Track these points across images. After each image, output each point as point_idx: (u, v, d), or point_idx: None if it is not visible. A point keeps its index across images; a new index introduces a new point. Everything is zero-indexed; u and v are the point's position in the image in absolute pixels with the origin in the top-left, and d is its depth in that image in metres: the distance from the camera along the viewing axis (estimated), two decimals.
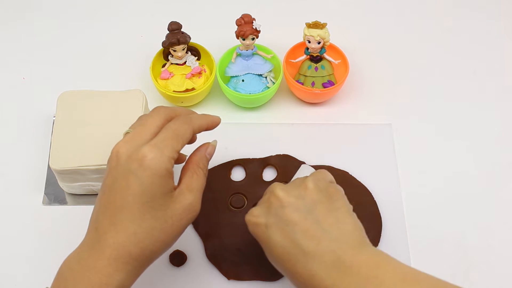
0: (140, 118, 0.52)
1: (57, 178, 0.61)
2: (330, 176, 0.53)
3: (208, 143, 0.54)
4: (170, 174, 0.48)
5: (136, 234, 0.46)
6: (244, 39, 0.67)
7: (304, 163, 0.66)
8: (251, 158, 0.66)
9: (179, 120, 0.50)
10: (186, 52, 0.69)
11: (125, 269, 0.46)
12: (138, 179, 0.46)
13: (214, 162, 0.66)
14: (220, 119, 0.55)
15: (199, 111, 0.70)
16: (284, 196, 0.50)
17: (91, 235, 0.48)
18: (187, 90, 0.68)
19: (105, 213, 0.47)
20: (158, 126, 0.49)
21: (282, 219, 0.48)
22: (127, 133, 0.50)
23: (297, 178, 0.53)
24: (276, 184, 0.52)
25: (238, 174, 0.65)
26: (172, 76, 0.69)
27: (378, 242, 0.61)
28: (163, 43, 0.67)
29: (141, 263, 0.47)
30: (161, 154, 0.46)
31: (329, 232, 0.47)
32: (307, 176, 0.52)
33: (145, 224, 0.46)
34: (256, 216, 0.51)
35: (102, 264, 0.46)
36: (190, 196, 0.49)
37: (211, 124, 0.54)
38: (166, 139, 0.48)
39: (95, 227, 0.48)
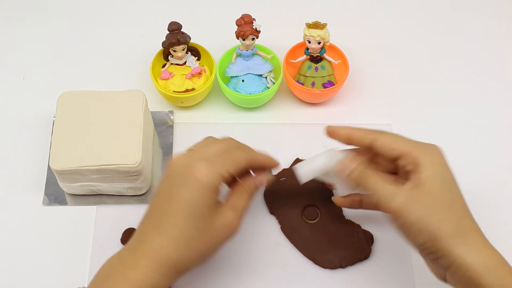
0: (207, 138, 0.55)
1: (57, 178, 0.61)
2: None
3: (265, 173, 0.57)
4: (217, 189, 0.50)
5: (176, 240, 0.48)
6: (244, 39, 0.67)
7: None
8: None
9: (239, 149, 0.54)
10: (186, 53, 0.69)
11: (162, 271, 0.48)
12: (187, 189, 0.49)
13: None
14: (277, 163, 0.58)
15: (199, 111, 0.71)
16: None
17: (135, 237, 0.50)
18: (187, 90, 0.68)
19: (152, 216, 0.50)
20: (219, 151, 0.52)
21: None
22: (190, 149, 0.53)
23: None
24: None
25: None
26: (172, 76, 0.69)
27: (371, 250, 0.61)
28: (163, 43, 0.67)
29: (177, 269, 0.49)
30: (212, 170, 0.49)
31: None
32: None
33: (185, 232, 0.48)
34: None
35: (141, 263, 0.48)
36: (232, 214, 0.51)
37: (269, 163, 0.57)
38: (220, 158, 0.51)
39: (141, 229, 0.51)
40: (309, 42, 0.67)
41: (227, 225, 0.51)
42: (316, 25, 0.66)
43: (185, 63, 0.69)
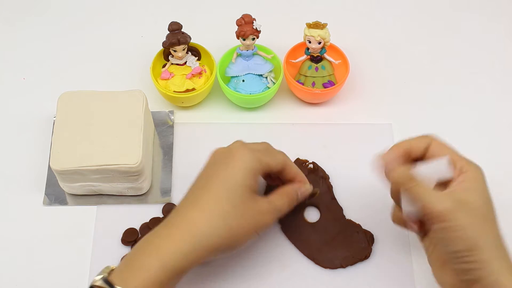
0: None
1: (57, 178, 0.61)
2: None
3: (307, 183, 0.58)
4: (255, 175, 0.52)
5: (211, 213, 0.50)
6: (244, 39, 0.67)
7: (311, 163, 0.66)
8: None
9: (278, 150, 0.57)
10: (187, 53, 0.69)
11: (194, 243, 0.49)
12: (226, 167, 0.52)
13: None
14: (309, 185, 0.59)
15: (200, 111, 0.71)
16: None
17: (172, 213, 0.52)
18: (187, 90, 0.68)
19: (189, 195, 0.53)
20: (262, 153, 0.55)
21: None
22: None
23: None
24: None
25: None
26: (172, 76, 0.69)
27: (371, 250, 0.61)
28: (164, 43, 0.67)
29: (209, 243, 0.50)
30: (251, 154, 0.52)
31: None
32: None
33: (221, 206, 0.50)
34: None
35: (174, 233, 0.49)
36: (267, 205, 0.53)
37: (301, 177, 0.58)
38: (261, 149, 0.54)
39: (178, 207, 0.52)
40: (310, 42, 0.67)
41: (262, 213, 0.52)
42: (316, 25, 0.66)
43: (185, 63, 0.69)
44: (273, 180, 0.59)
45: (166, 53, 0.70)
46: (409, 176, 0.51)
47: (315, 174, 0.65)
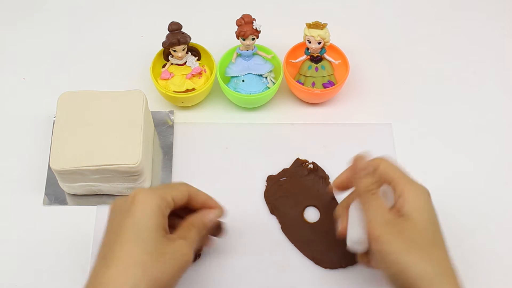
0: None
1: (57, 178, 0.61)
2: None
3: (213, 210, 0.55)
4: (162, 213, 0.49)
5: (127, 267, 0.46)
6: (244, 39, 0.67)
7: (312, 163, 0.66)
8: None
9: (179, 182, 0.55)
10: (187, 53, 0.69)
11: None
12: (130, 213, 0.48)
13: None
14: (222, 209, 0.56)
15: (200, 111, 0.71)
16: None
17: (90, 279, 0.48)
18: (187, 91, 0.68)
19: (100, 254, 0.48)
20: (168, 188, 0.53)
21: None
22: None
23: None
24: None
25: None
26: (172, 77, 0.69)
27: None
28: (164, 44, 0.67)
29: None
30: (152, 192, 0.49)
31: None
32: None
33: (136, 258, 0.46)
34: None
35: None
36: (182, 242, 0.50)
37: (211, 204, 0.55)
38: (161, 186, 0.53)
39: (92, 271, 0.48)
40: (309, 42, 0.67)
41: (181, 253, 0.49)
42: (316, 25, 0.66)
43: (185, 63, 0.69)
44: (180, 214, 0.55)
45: (166, 53, 0.70)
46: (374, 187, 0.52)
47: (315, 174, 0.65)
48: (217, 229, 0.58)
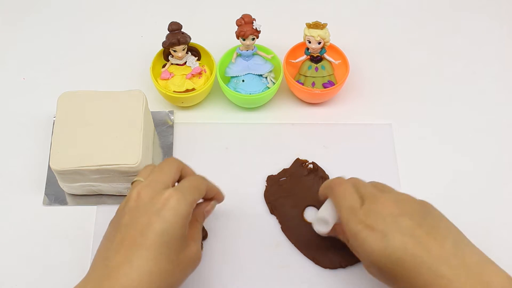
0: (147, 167, 0.53)
1: (57, 178, 0.61)
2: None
3: (209, 201, 0.56)
4: (188, 219, 0.49)
5: (150, 274, 0.45)
6: (244, 39, 0.67)
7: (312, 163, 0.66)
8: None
9: (197, 176, 0.54)
10: (187, 53, 0.69)
11: None
12: (161, 218, 0.47)
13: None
14: (224, 197, 0.58)
15: (199, 111, 0.71)
16: (390, 205, 0.50)
17: (99, 272, 0.46)
18: (187, 91, 0.68)
19: (119, 250, 0.46)
20: (174, 174, 0.52)
21: (399, 228, 0.48)
22: (135, 181, 0.51)
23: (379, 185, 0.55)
24: (373, 191, 0.53)
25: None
26: (172, 77, 0.69)
27: None
28: (163, 44, 0.67)
29: None
30: (184, 198, 0.48)
31: (449, 240, 0.48)
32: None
33: (160, 265, 0.46)
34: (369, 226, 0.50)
35: None
36: (195, 246, 0.51)
37: (218, 194, 0.57)
38: (189, 188, 0.50)
39: (105, 264, 0.46)
40: (309, 42, 0.67)
41: (194, 258, 0.50)
42: (316, 25, 0.66)
43: (185, 63, 0.69)
44: None
45: (166, 53, 0.70)
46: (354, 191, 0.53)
47: (315, 174, 0.65)
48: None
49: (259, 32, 0.66)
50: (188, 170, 0.54)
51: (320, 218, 0.56)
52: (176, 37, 0.66)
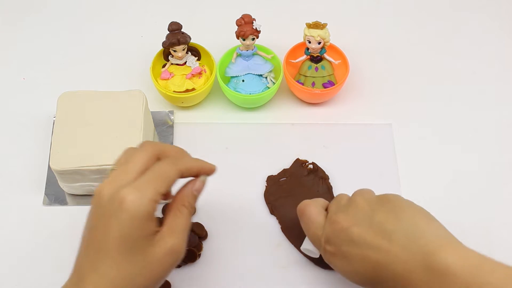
0: (125, 152, 0.49)
1: (57, 178, 0.61)
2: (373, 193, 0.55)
3: (196, 179, 0.50)
4: (151, 217, 0.45)
5: (115, 280, 0.44)
6: (244, 39, 0.67)
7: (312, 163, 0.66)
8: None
9: (166, 161, 0.47)
10: (186, 53, 0.69)
11: None
12: (118, 222, 0.43)
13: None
14: (215, 168, 0.51)
15: (199, 111, 0.71)
16: (342, 219, 0.51)
17: (73, 278, 0.46)
18: (187, 91, 0.68)
19: (87, 255, 0.45)
20: (144, 164, 0.46)
21: (351, 241, 0.50)
22: (112, 169, 0.48)
23: (344, 199, 0.55)
24: (333, 209, 0.54)
25: None
26: (172, 77, 0.69)
27: None
28: (163, 44, 0.67)
29: None
30: (141, 197, 0.44)
31: (398, 231, 0.48)
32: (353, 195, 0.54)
33: (124, 270, 0.44)
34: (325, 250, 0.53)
35: None
36: (171, 240, 0.46)
37: (203, 170, 0.50)
38: (149, 181, 0.45)
39: (77, 268, 0.46)
40: (309, 42, 0.67)
41: (168, 254, 0.46)
42: (316, 25, 0.66)
43: (185, 63, 0.69)
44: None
45: (166, 53, 0.70)
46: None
47: (315, 174, 0.65)
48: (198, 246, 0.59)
49: (259, 32, 0.66)
50: (168, 151, 0.49)
51: (305, 249, 0.58)
52: (176, 37, 0.66)
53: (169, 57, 0.69)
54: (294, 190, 0.64)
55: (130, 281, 0.44)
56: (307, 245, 0.57)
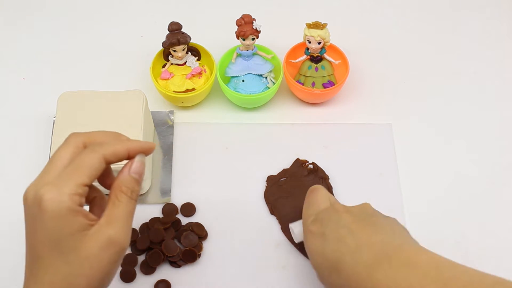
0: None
1: None
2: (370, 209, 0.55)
3: (132, 160, 0.45)
4: (75, 212, 0.41)
5: (53, 284, 0.41)
6: (244, 39, 0.67)
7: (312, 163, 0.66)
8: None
9: (88, 149, 0.44)
10: (186, 53, 0.69)
11: None
12: (41, 224, 0.41)
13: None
14: (153, 146, 0.47)
15: (199, 111, 0.71)
16: (342, 208, 0.54)
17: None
18: (187, 91, 0.68)
19: (28, 261, 0.43)
20: (68, 158, 0.43)
21: (338, 222, 0.51)
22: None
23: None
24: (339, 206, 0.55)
25: None
26: (172, 77, 0.69)
27: None
28: (163, 44, 0.67)
29: None
30: (59, 193, 0.41)
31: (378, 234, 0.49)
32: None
33: (60, 272, 0.41)
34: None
35: None
36: (109, 230, 0.42)
37: (136, 150, 0.45)
38: (68, 174, 0.42)
39: (25, 277, 0.44)
40: (309, 42, 0.67)
41: (106, 246, 0.42)
42: (316, 25, 0.66)
43: (185, 63, 0.69)
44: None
45: (166, 53, 0.70)
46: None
47: (315, 174, 0.65)
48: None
49: (259, 32, 0.66)
50: (94, 137, 0.45)
51: (291, 229, 0.59)
52: (176, 37, 0.66)
53: (169, 57, 0.69)
54: (294, 190, 0.64)
55: (71, 283, 0.42)
56: (295, 226, 0.58)
